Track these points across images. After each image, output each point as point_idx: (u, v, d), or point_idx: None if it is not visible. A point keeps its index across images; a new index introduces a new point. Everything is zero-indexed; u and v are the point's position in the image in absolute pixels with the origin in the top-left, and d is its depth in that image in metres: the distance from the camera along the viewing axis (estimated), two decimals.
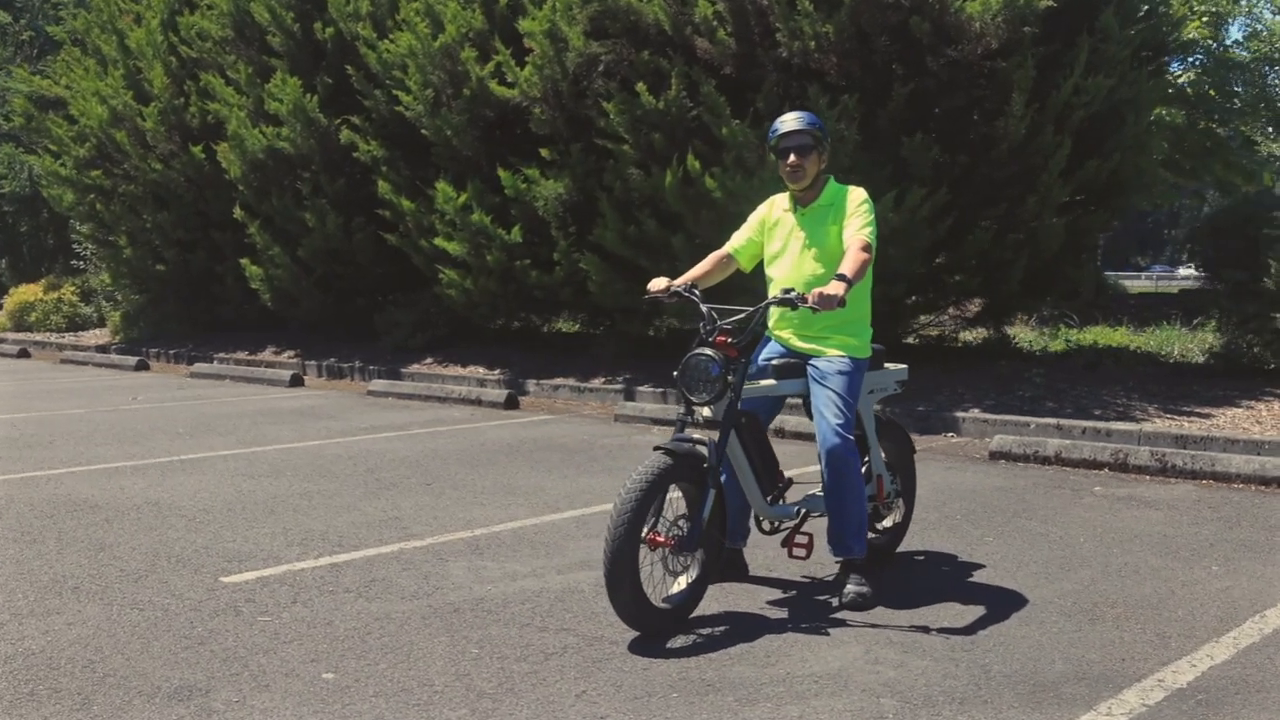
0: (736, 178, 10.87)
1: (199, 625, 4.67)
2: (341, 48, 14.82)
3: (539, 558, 5.73)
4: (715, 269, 5.35)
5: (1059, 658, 4.26)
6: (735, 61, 11.06)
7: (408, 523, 6.51)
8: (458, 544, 6.02)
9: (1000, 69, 10.29)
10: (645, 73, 11.49)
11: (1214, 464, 7.63)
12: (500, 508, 6.90)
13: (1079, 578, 5.34)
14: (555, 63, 12.14)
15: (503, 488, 7.52)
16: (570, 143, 12.38)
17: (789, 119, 5.19)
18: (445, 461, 8.52)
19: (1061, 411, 9.63)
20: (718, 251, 5.41)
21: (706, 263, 5.36)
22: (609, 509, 6.84)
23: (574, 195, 12.48)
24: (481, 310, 14.04)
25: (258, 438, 9.72)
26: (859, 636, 4.52)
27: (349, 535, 6.21)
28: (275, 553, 5.83)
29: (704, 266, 5.34)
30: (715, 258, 5.37)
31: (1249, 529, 6.29)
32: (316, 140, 14.85)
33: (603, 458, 8.69)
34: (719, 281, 5.40)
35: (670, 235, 11.68)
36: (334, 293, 15.98)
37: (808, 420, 5.24)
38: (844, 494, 4.94)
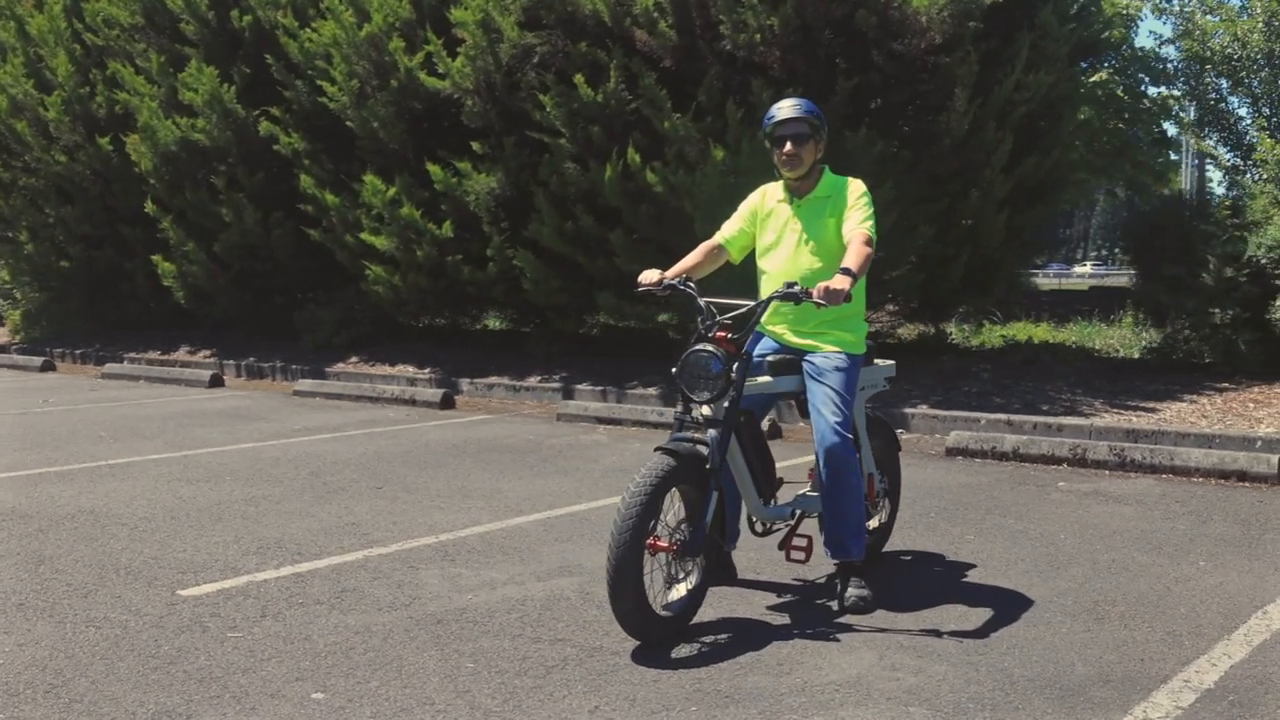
0: (679, 172, 10.70)
1: (164, 643, 4.35)
2: (260, 36, 14.34)
3: (514, 564, 5.48)
4: (706, 260, 5.15)
5: (1077, 659, 4.14)
6: (676, 54, 10.87)
7: (367, 528, 6.21)
8: (425, 550, 5.74)
9: (944, 64, 10.25)
10: (582, 64, 11.25)
11: (1172, 458, 7.64)
12: (460, 511, 6.63)
13: (1071, 575, 5.25)
14: (488, 54, 11.85)
15: (458, 490, 7.24)
16: (503, 136, 12.09)
17: (785, 106, 5.01)
18: (391, 463, 8.20)
19: (1009, 407, 9.61)
20: (708, 242, 5.22)
21: (697, 253, 5.16)
22: (575, 511, 6.75)
23: (507, 190, 12.19)
24: (410, 307, 13.69)
25: (187, 441, 9.29)
26: (869, 642, 4.35)
27: (307, 543, 5.89)
28: (232, 563, 5.50)
29: (694, 258, 5.14)
30: (706, 248, 5.18)
31: (1222, 523, 6.27)
32: (234, 132, 14.35)
33: (554, 458, 8.44)
34: (709, 274, 5.20)
35: (608, 231, 11.46)
36: (251, 290, 15.47)
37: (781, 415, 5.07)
38: (843, 494, 4.77)
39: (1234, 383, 10.06)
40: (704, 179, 10.56)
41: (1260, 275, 10.19)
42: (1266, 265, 10.17)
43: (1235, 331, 10.26)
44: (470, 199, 12.29)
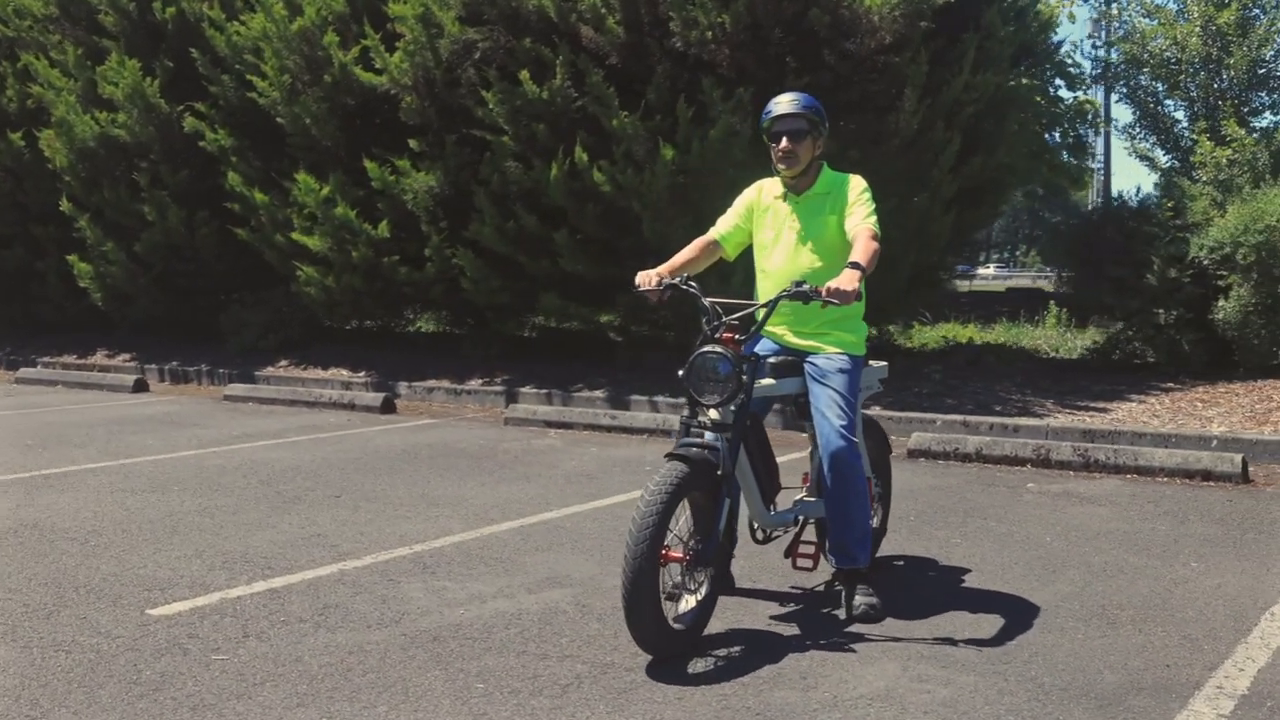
0: (627, 171, 10.53)
1: (144, 667, 4.07)
2: (184, 29, 13.87)
3: (498, 576, 5.27)
4: (701, 256, 4.98)
5: (1103, 667, 4.05)
6: (623, 51, 10.71)
7: (334, 540, 5.94)
8: (402, 563, 5.50)
9: (893, 64, 10.23)
10: (527, 61, 11.04)
11: (1136, 458, 7.66)
12: (429, 520, 6.39)
13: (1069, 579, 5.18)
14: (428, 49, 11.57)
15: (421, 498, 6.99)
16: (443, 133, 11.82)
17: (783, 101, 4.87)
18: (343, 470, 7.92)
19: (963, 408, 9.60)
20: (703, 237, 5.05)
21: (692, 249, 4.98)
22: (547, 519, 6.55)
23: (446, 189, 11.92)
24: (343, 309, 13.34)
25: (122, 449, 8.90)
26: (887, 652, 4.23)
27: (275, 556, 5.61)
28: (199, 579, 5.21)
29: (689, 253, 4.96)
30: (701, 244, 5.00)
31: (1200, 524, 6.27)
32: (156, 128, 13.87)
33: (512, 464, 8.22)
34: (702, 270, 5.03)
35: (552, 231, 11.26)
36: (174, 291, 14.97)
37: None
38: (848, 500, 4.64)
39: (1178, 382, 10.17)
40: (653, 178, 10.41)
41: (1202, 276, 10.32)
42: (1208, 266, 10.30)
43: (1179, 332, 10.38)
44: (408, 198, 12.00)
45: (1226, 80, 14.96)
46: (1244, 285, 9.90)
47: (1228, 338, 10.30)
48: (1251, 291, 9.89)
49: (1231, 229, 9.95)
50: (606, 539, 5.95)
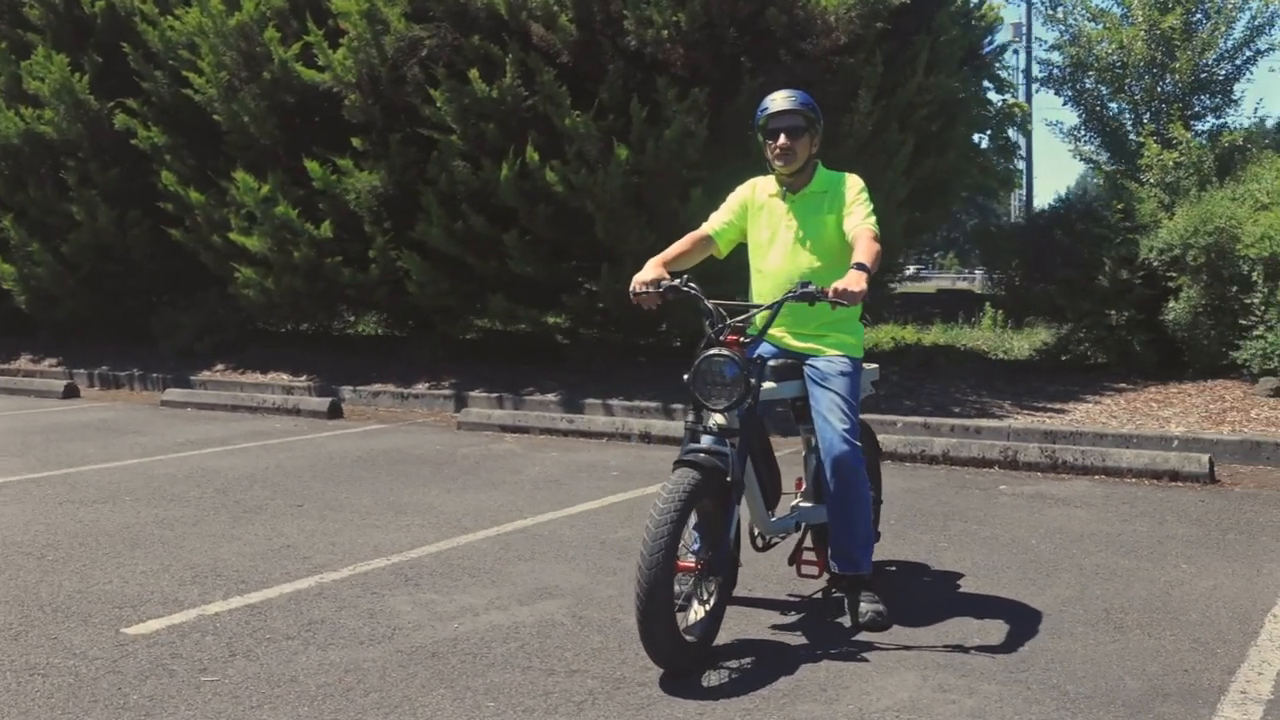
0: (580, 171, 10.38)
1: (130, 691, 3.85)
2: (114, 23, 13.44)
3: (485, 587, 5.10)
4: (694, 250, 4.85)
5: (1122, 672, 4.00)
6: (575, 50, 10.55)
7: (306, 551, 5.73)
8: (381, 574, 5.31)
9: (848, 65, 10.19)
10: (475, 59, 10.84)
11: (1104, 459, 7.68)
12: (401, 530, 6.19)
13: (1065, 583, 5.14)
14: (372, 46, 11.32)
15: (388, 506, 6.79)
16: (387, 132, 11.56)
17: (779, 97, 4.76)
18: (300, 478, 7.67)
19: (921, 409, 9.60)
20: (695, 232, 4.91)
21: (685, 242, 4.85)
22: (524, 527, 6.37)
23: (391, 188, 11.67)
24: (283, 311, 13.02)
25: (61, 457, 8.55)
26: (902, 661, 4.14)
27: (247, 570, 5.38)
28: (171, 595, 4.98)
29: (681, 246, 4.83)
30: (694, 238, 4.87)
31: (1179, 525, 6.28)
32: (85, 125, 13.43)
33: (474, 470, 8.03)
34: (694, 265, 4.90)
35: (501, 231, 11.07)
36: (102, 293, 14.51)
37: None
38: (852, 505, 4.56)
39: (1130, 383, 10.27)
40: (607, 179, 10.27)
41: (1152, 278, 10.43)
42: (1158, 268, 10.41)
43: (1130, 333, 10.48)
44: (351, 198, 11.73)
45: (1170, 84, 15.22)
46: (1193, 287, 10.02)
47: (1178, 339, 10.42)
48: (1201, 293, 10.01)
49: (1181, 231, 10.07)
50: (588, 547, 5.80)
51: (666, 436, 9.11)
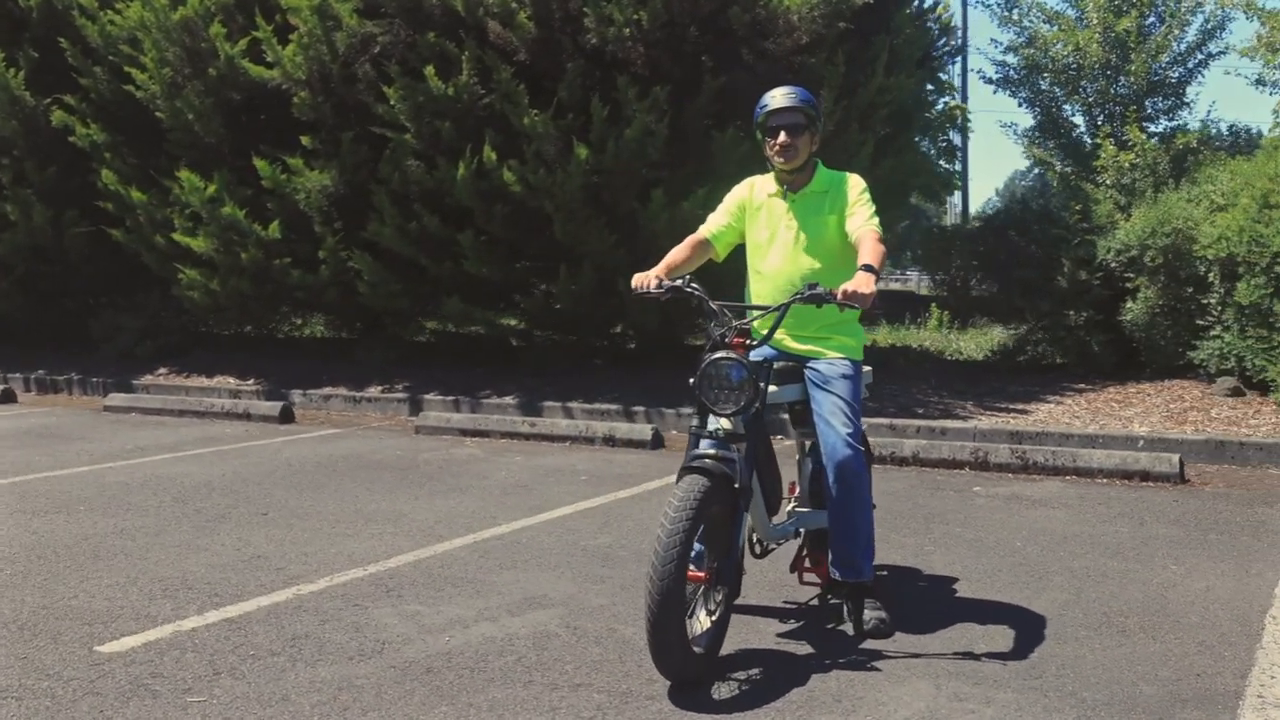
0: (539, 171, 10.22)
1: (113, 714, 3.65)
2: (51, 17, 13.06)
3: (471, 598, 4.94)
4: (694, 255, 4.74)
5: (1135, 678, 3.94)
6: (534, 48, 10.40)
7: (278, 562, 5.53)
8: (361, 585, 5.13)
9: (809, 65, 10.14)
10: (430, 56, 10.65)
11: (1075, 460, 7.68)
12: (374, 538, 6.00)
13: (1059, 586, 5.09)
14: (323, 42, 11.09)
15: (355, 514, 6.59)
16: (339, 130, 11.33)
17: (779, 94, 4.66)
18: (261, 485, 7.45)
19: (885, 411, 9.56)
20: (693, 236, 4.80)
21: (684, 248, 4.73)
22: (500, 534, 6.20)
23: (342, 188, 11.44)
24: (230, 314, 12.71)
25: (6, 466, 8.23)
26: (911, 669, 4.05)
27: (219, 582, 5.18)
28: (142, 610, 4.76)
29: (682, 252, 4.71)
30: (693, 242, 4.75)
31: (1159, 526, 6.26)
32: (20, 122, 13.03)
33: (439, 475, 7.84)
34: (693, 270, 4.78)
35: (455, 232, 10.88)
36: (37, 295, 14.10)
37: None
38: (855, 511, 4.47)
39: (1089, 383, 10.32)
40: (566, 178, 10.13)
41: (1110, 278, 10.49)
42: (1116, 269, 10.47)
43: (1089, 333, 10.52)
44: (301, 197, 11.48)
45: (1125, 86, 15.35)
46: (1151, 287, 10.09)
47: (1135, 339, 10.49)
48: (1159, 294, 10.08)
49: (1139, 232, 10.13)
50: (570, 555, 5.66)
51: (631, 440, 8.99)
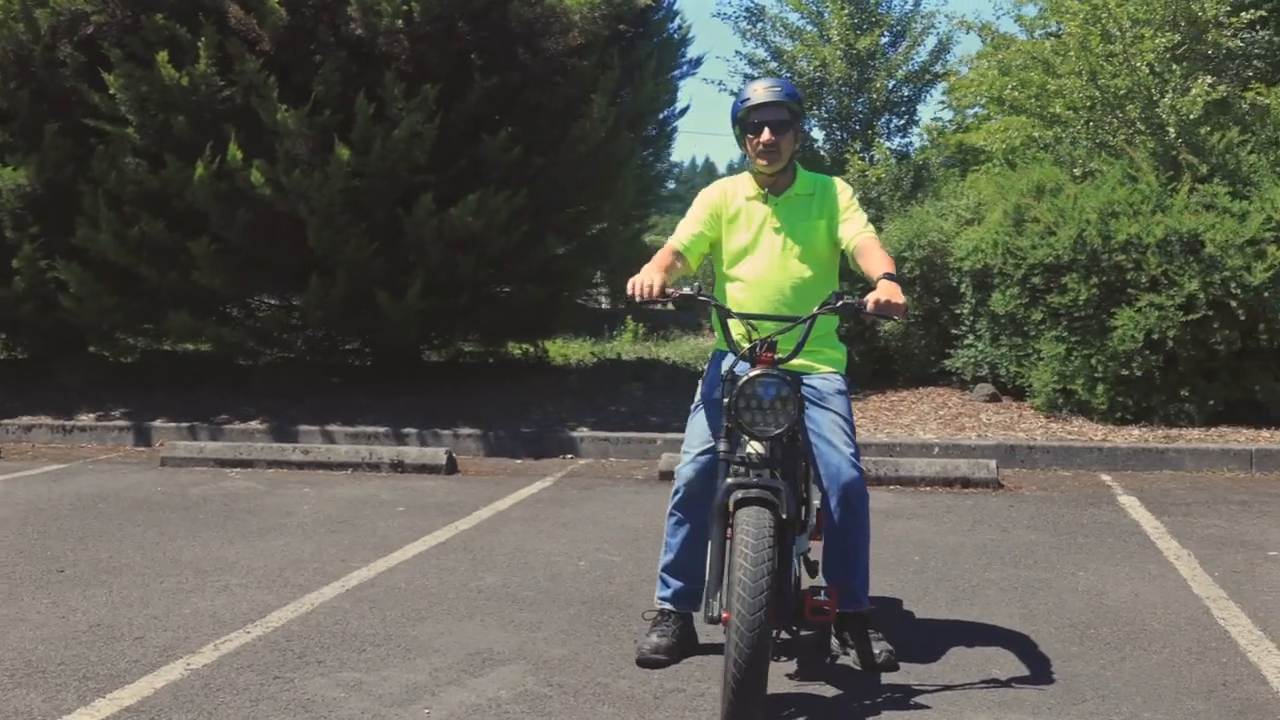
0: (293, 173, 9.30)
1: None
2: None
3: (405, 658, 4.27)
4: (671, 268, 4.28)
5: (1168, 692, 3.86)
6: (284, 37, 9.46)
7: (130, 629, 4.60)
8: (260, 652, 4.32)
9: (582, 67, 9.80)
10: (158, 40, 9.47)
11: (898, 469, 7.74)
12: (223, 593, 5.13)
13: (999, 600, 5.01)
14: (21, 20, 9.65)
15: (176, 564, 5.64)
16: (41, 121, 9.88)
17: (760, 87, 4.29)
18: (24, 534, 6.26)
19: (670, 426, 9.32)
20: (667, 248, 4.33)
21: (666, 258, 4.24)
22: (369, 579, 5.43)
23: (41, 188, 9.98)
24: None
25: None
26: (956, 702, 3.80)
27: (74, 661, 4.22)
28: (8, 707, 3.78)
29: (666, 259, 4.23)
30: (670, 254, 4.28)
31: (1023, 531, 6.34)
32: None
33: (235, 513, 6.89)
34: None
35: (185, 238, 9.73)
36: None
37: None
38: (858, 536, 4.19)
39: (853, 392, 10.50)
40: (325, 181, 9.28)
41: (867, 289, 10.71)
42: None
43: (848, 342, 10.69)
44: None
45: (863, 104, 15.92)
46: (907, 298, 10.40)
47: (890, 348, 10.81)
48: (914, 304, 10.42)
49: (895, 244, 10.45)
50: (471, 599, 5.05)
51: (423, 465, 8.32)
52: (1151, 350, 8.88)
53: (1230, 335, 8.81)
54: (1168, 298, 8.83)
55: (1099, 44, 9.89)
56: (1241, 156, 9.50)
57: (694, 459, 4.21)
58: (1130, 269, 9.02)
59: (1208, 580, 5.27)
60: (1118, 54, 9.83)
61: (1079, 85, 10.14)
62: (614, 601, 4.98)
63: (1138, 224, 9.07)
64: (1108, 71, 9.91)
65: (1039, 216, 9.50)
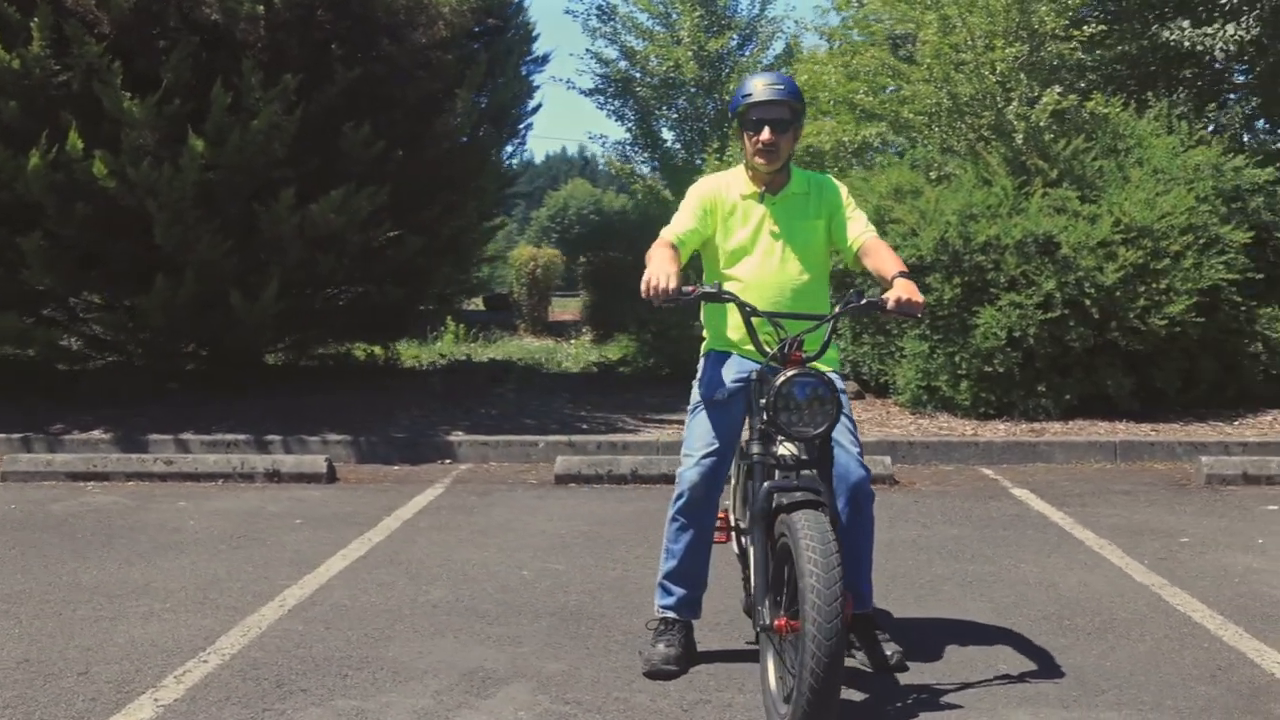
0: (141, 165, 8.68)
1: None
2: None
3: (396, 681, 3.99)
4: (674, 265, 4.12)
5: (1179, 679, 3.95)
6: (127, 20, 8.83)
7: (68, 664, 4.16)
8: (231, 683, 3.97)
9: (447, 61, 9.51)
10: None
11: None
12: (153, 619, 4.71)
13: (961, 595, 5.06)
14: None
15: (81, 589, 5.15)
16: None
17: (760, 83, 4.17)
18: None
19: (548, 428, 9.17)
20: (664, 240, 4.15)
21: (667, 254, 4.07)
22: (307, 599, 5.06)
23: None
24: None
25: None
26: (985, 700, 3.79)
27: (14, 705, 3.78)
28: None
29: (671, 262, 4.06)
30: (668, 246, 4.11)
31: (944, 526, 6.45)
32: None
33: (117, 531, 6.35)
34: None
35: (15, 235, 8.98)
36: None
37: None
38: (865, 537, 4.14)
39: None
40: (177, 174, 8.71)
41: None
42: None
43: None
44: None
45: (714, 105, 15.88)
46: None
47: None
48: None
49: None
50: (433, 615, 4.79)
51: (301, 473, 7.88)
52: (1012, 347, 9.20)
53: (1084, 333, 9.20)
54: (1027, 297, 9.18)
55: (951, 52, 10.20)
56: (1086, 162, 9.96)
57: (698, 462, 4.10)
58: (990, 269, 9.34)
59: (1142, 568, 5.45)
60: (969, 62, 10.17)
61: (930, 92, 10.44)
62: (582, 612, 4.80)
63: (996, 226, 9.41)
64: (958, 79, 10.24)
65: (901, 218, 9.73)
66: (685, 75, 15.48)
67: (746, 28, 16.48)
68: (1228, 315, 9.47)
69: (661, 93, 15.44)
